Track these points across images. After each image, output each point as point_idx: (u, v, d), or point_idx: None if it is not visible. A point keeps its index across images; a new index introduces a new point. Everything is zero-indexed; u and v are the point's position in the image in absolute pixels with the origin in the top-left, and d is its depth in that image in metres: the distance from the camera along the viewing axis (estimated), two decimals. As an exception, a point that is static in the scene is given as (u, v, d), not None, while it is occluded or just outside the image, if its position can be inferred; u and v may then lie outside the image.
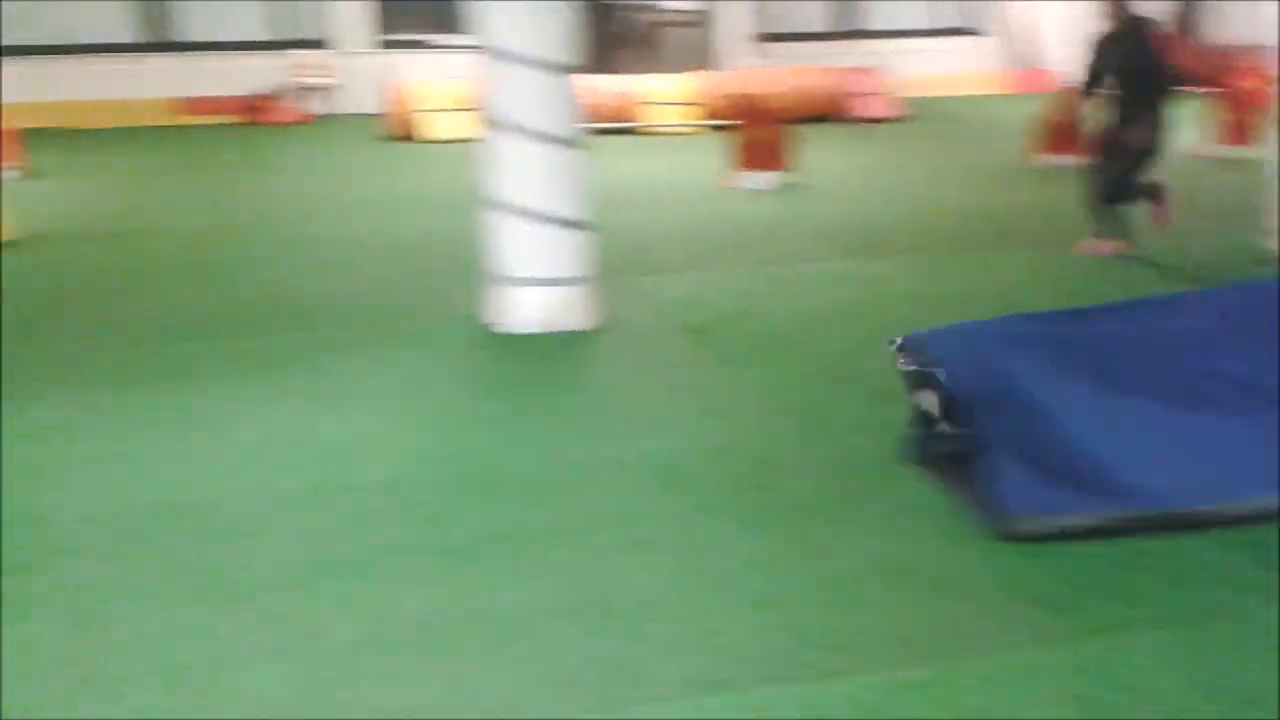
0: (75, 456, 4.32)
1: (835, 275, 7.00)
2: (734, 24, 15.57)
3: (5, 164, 10.20)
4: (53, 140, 12.52)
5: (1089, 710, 2.80)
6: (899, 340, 4.05)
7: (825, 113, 13.98)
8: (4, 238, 7.70)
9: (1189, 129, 12.34)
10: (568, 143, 5.83)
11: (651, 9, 15.52)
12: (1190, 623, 3.18)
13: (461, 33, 6.10)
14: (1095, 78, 7.06)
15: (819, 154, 11.18)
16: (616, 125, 13.15)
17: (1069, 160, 10.65)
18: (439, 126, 12.89)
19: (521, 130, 5.74)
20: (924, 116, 14.43)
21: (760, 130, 9.86)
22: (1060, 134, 10.69)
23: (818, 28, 17.03)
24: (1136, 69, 6.87)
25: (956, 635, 3.13)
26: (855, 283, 6.82)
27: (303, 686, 2.87)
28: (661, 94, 13.55)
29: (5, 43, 14.01)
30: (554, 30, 5.69)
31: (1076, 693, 2.86)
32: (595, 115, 12.98)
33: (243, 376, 5.19)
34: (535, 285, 5.91)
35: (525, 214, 5.85)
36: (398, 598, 3.30)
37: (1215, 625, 3.17)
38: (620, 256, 7.41)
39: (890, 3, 17.22)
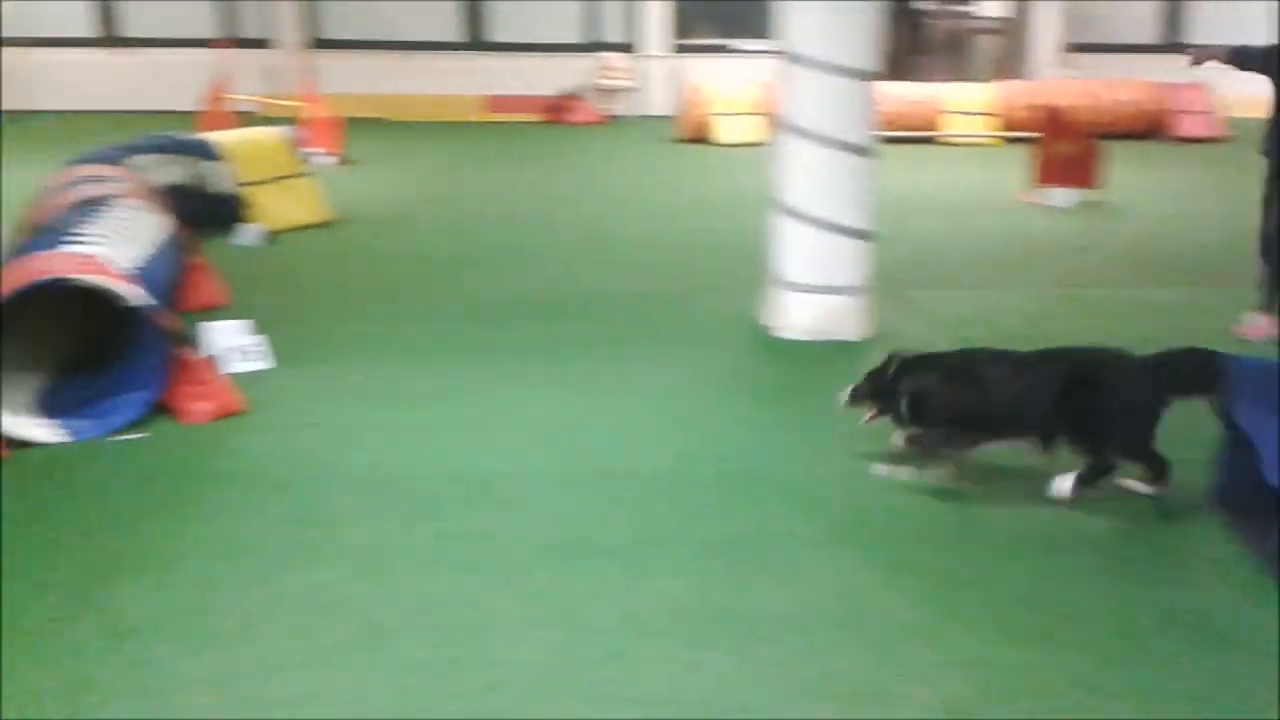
0: (379, 421, 4.64)
1: (1134, 303, 6.53)
2: (1045, 33, 14.83)
3: (324, 150, 11.14)
4: (366, 130, 13.58)
5: None
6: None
7: (1140, 129, 13.07)
8: (319, 218, 8.44)
9: None
10: (860, 150, 5.74)
11: (958, 14, 15.03)
12: None
13: (756, 37, 6.16)
14: None
15: (1130, 172, 10.47)
16: (915, 134, 12.83)
17: None
18: (731, 130, 13.03)
19: (814, 136, 5.70)
20: (1248, 138, 13.21)
21: (1065, 144, 9.34)
22: None
23: (1138, 39, 15.93)
24: None
25: (1240, 694, 2.85)
26: (1156, 313, 6.34)
27: (560, 660, 2.97)
28: (963, 103, 13.11)
29: (329, 36, 15.32)
30: (857, 36, 5.61)
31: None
32: (894, 123, 12.77)
33: (530, 360, 5.44)
34: (812, 292, 5.86)
35: (810, 220, 5.81)
36: (656, 586, 3.35)
37: None
38: (904, 268, 7.23)
39: (1216, 14, 15.86)
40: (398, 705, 2.78)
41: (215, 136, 8.50)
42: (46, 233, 5.00)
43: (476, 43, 15.78)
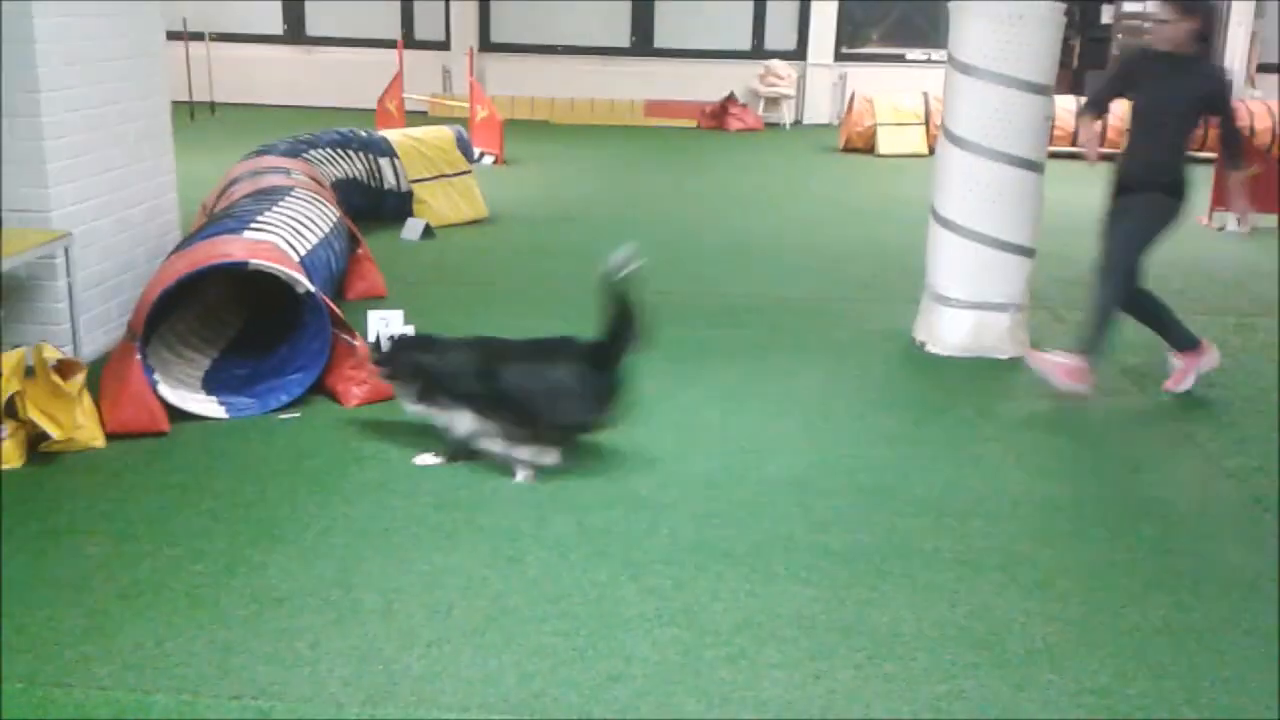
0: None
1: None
2: (1232, 50, 14.09)
3: (487, 150, 11.45)
4: (529, 131, 13.89)
5: None
6: None
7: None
8: (478, 216, 8.70)
9: None
10: (1028, 165, 5.59)
11: (1141, 29, 14.42)
12: None
13: (922, 46, 6.08)
14: None
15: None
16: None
17: None
18: (893, 140, 12.84)
19: (979, 148, 5.58)
20: None
21: (1248, 165, 8.84)
22: None
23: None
24: None
25: None
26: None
27: (682, 658, 3.00)
28: (1136, 120, 12.59)
29: (498, 40, 15.73)
30: (1031, 47, 5.46)
31: None
32: (1063, 138, 12.34)
33: (674, 362, 5.47)
34: (967, 308, 5.74)
35: (969, 234, 5.69)
36: (781, 592, 3.35)
37: None
38: (1063, 287, 6.99)
39: None
40: (522, 688, 2.86)
41: (389, 134, 8.85)
42: (226, 218, 5.32)
43: (641, 47, 15.96)
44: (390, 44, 14.05)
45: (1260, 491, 4.16)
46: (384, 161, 8.43)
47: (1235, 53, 14.00)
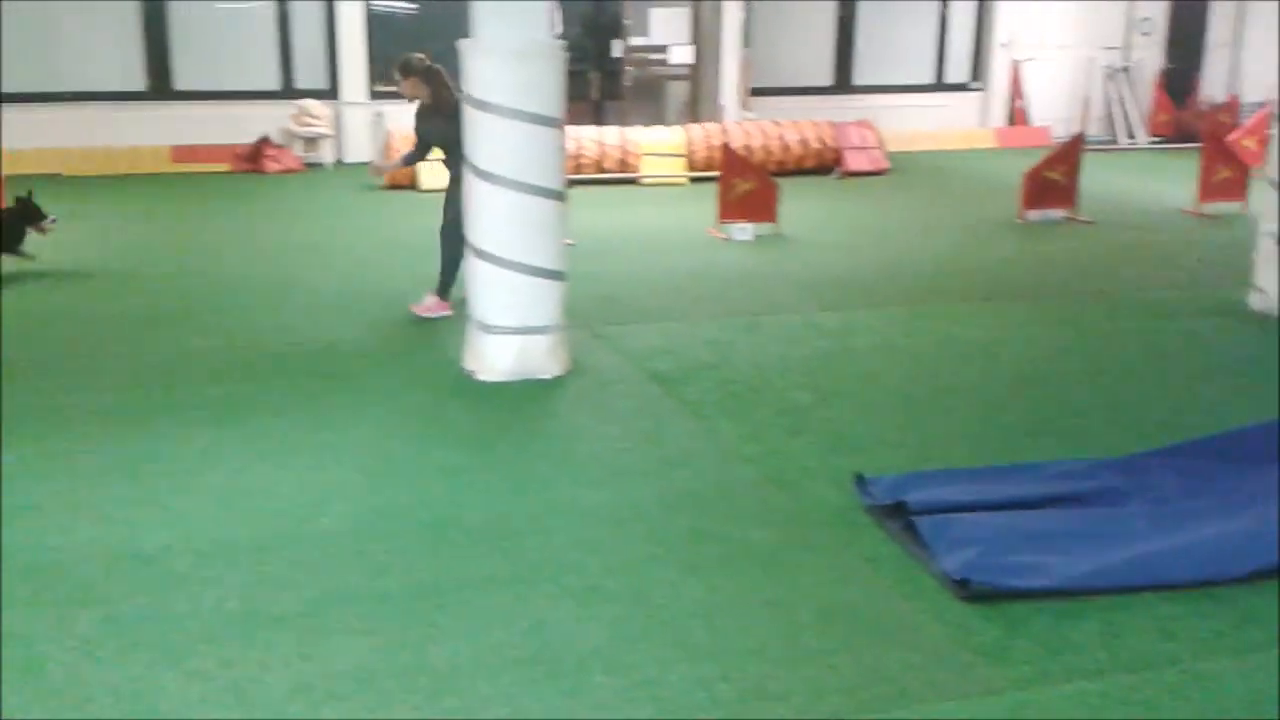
0: (28, 501, 4.30)
1: (810, 326, 7.01)
2: (728, 78, 15.72)
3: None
4: (43, 186, 12.59)
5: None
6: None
7: (816, 165, 14.08)
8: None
9: (1182, 184, 12.43)
10: (550, 194, 5.87)
11: (647, 61, 15.69)
12: (1126, 672, 3.17)
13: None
14: None
15: (806, 206, 11.24)
16: (614, 175, 13.24)
17: (1056, 214, 10.76)
18: (434, 176, 12.97)
19: (504, 180, 5.79)
20: (910, 170, 14.53)
21: (744, 181, 9.93)
22: (1048, 189, 10.79)
23: (813, 83, 17.20)
24: None
25: (898, 685, 3.11)
26: (828, 334, 6.83)
27: (232, 738, 2.85)
28: (656, 145, 13.66)
29: (7, 90, 14.18)
30: (540, 83, 5.75)
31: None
32: (593, 166, 13.12)
33: (206, 424, 5.19)
34: (509, 333, 5.93)
35: (504, 263, 5.89)
36: (336, 649, 3.27)
37: (1149, 674, 3.16)
38: (599, 305, 7.45)
39: (880, 60, 17.40)
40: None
41: None
42: None
43: (160, 91, 14.97)
44: None
45: (772, 472, 4.66)
46: None
47: (727, 80, 15.61)
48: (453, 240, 6.85)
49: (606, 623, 3.44)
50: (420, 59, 7.15)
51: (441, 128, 6.99)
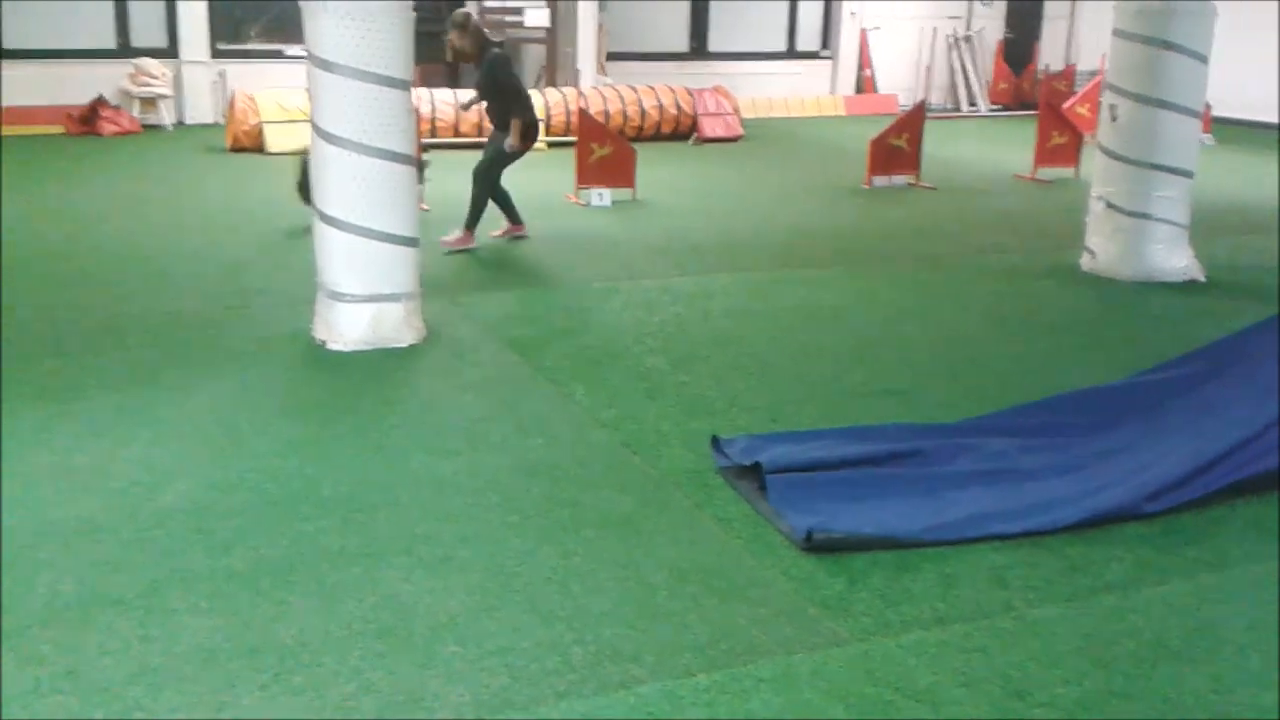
0: None
1: (666, 291, 7.07)
2: (583, 42, 15.62)
3: None
4: None
5: (861, 709, 2.88)
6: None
7: (673, 131, 14.15)
8: None
9: (1020, 150, 12.95)
10: (397, 158, 5.75)
11: (503, 24, 15.44)
12: (962, 621, 3.33)
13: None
14: None
15: (664, 172, 11.31)
16: (467, 140, 13.04)
17: (900, 180, 11.10)
18: (282, 138, 12.56)
19: (349, 144, 5.64)
20: (763, 137, 14.76)
21: (602, 147, 9.92)
22: (893, 155, 11.10)
23: (666, 48, 17.25)
24: None
25: (745, 640, 3.19)
26: (683, 298, 6.91)
27: (67, 726, 2.74)
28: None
29: None
30: (387, 44, 5.60)
31: (850, 691, 2.96)
32: (448, 130, 12.88)
33: (36, 399, 4.94)
34: (360, 302, 5.81)
35: (354, 229, 5.75)
36: (178, 630, 3.18)
37: (984, 622, 3.33)
38: (455, 274, 7.36)
39: (734, 27, 17.57)
40: None
41: None
42: None
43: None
44: None
45: (627, 437, 4.70)
46: None
47: (584, 44, 15.53)
48: (481, 181, 7.91)
49: (460, 593, 3.43)
50: (464, 13, 8.04)
51: (479, 80, 8.02)
